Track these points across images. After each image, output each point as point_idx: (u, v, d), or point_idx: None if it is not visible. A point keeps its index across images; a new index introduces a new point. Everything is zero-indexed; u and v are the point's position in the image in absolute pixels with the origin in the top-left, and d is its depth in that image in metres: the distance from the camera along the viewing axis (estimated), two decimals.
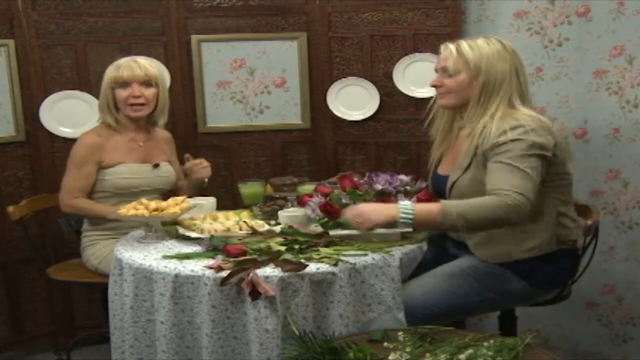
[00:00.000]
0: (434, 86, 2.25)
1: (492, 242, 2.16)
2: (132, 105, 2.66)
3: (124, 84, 2.65)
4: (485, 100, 2.14)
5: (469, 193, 2.10)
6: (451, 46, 2.21)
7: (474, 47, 2.17)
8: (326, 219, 2.19)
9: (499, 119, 2.09)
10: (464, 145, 2.21)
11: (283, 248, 2.05)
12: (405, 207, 2.00)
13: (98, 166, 2.65)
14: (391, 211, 2.01)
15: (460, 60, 2.17)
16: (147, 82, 2.67)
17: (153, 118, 2.77)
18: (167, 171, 2.78)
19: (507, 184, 1.98)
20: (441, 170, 2.32)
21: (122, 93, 2.66)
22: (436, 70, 2.27)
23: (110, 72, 2.68)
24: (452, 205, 2.00)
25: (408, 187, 2.21)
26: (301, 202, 2.28)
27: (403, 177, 2.22)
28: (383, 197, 2.15)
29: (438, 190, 2.26)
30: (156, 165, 2.74)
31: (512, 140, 2.04)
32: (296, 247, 2.05)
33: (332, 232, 2.17)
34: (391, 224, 2.02)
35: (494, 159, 2.05)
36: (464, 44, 2.19)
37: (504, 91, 2.13)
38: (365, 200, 2.15)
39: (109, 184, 2.66)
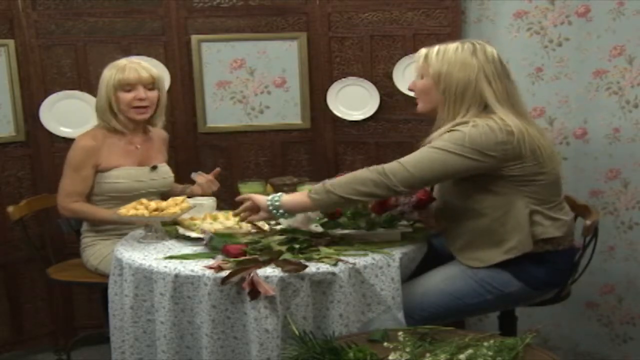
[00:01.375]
0: (409, 89, 2.27)
1: (471, 247, 2.16)
2: (136, 107, 2.63)
3: (129, 86, 2.61)
4: (451, 108, 2.12)
5: (447, 193, 2.17)
6: (424, 51, 2.20)
7: (440, 54, 2.14)
8: (326, 219, 2.19)
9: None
10: None
11: (283, 248, 2.05)
12: (272, 198, 2.10)
13: (95, 170, 2.63)
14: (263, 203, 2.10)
15: (425, 66, 2.17)
16: (151, 85, 2.66)
17: (152, 120, 2.76)
18: (165, 172, 2.78)
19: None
20: None
21: (126, 96, 2.62)
22: None
23: (114, 74, 2.62)
24: (320, 185, 2.08)
25: None
26: None
27: None
28: None
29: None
30: (154, 168, 2.73)
31: (448, 131, 2.06)
32: (296, 247, 2.06)
33: (332, 232, 2.17)
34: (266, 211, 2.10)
35: None
36: (434, 50, 2.16)
37: (469, 100, 2.10)
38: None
39: (107, 188, 2.65)
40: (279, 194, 2.11)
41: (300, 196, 2.10)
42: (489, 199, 2.11)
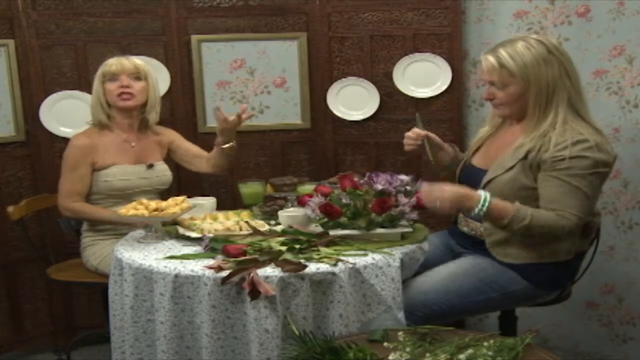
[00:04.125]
0: (487, 99, 2.21)
1: (512, 243, 2.16)
2: (120, 95, 2.67)
3: (113, 77, 2.68)
4: (543, 108, 2.10)
5: (504, 193, 2.10)
6: (491, 59, 2.12)
7: (515, 57, 2.09)
8: (326, 219, 2.19)
9: (561, 130, 2.07)
10: (513, 144, 2.17)
11: (284, 248, 2.05)
12: (484, 202, 2.03)
13: (92, 168, 2.65)
14: (470, 203, 2.04)
15: (505, 73, 2.11)
16: (136, 75, 2.70)
17: (144, 115, 2.77)
18: (162, 170, 2.79)
19: (566, 204, 2.02)
20: (476, 162, 2.30)
21: (111, 86, 2.68)
22: (484, 81, 2.22)
23: (100, 69, 2.72)
24: (524, 214, 2.03)
25: (408, 187, 2.21)
26: (301, 202, 2.28)
27: (403, 177, 2.22)
28: (383, 197, 2.15)
29: (469, 182, 2.22)
30: (150, 166, 2.74)
31: (574, 157, 2.03)
32: (296, 247, 2.05)
33: (332, 232, 2.17)
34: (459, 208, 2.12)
35: (553, 173, 2.05)
36: (503, 54, 2.10)
37: (558, 96, 2.09)
38: (365, 201, 2.15)
39: (104, 186, 2.66)
40: (488, 200, 2.04)
41: (503, 212, 2.05)
42: None
